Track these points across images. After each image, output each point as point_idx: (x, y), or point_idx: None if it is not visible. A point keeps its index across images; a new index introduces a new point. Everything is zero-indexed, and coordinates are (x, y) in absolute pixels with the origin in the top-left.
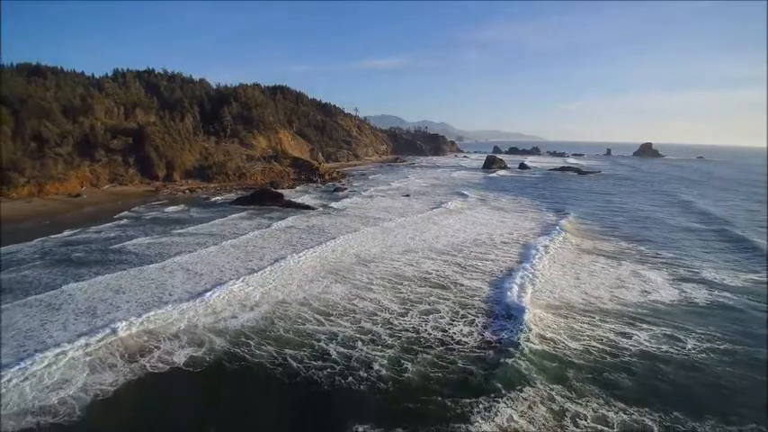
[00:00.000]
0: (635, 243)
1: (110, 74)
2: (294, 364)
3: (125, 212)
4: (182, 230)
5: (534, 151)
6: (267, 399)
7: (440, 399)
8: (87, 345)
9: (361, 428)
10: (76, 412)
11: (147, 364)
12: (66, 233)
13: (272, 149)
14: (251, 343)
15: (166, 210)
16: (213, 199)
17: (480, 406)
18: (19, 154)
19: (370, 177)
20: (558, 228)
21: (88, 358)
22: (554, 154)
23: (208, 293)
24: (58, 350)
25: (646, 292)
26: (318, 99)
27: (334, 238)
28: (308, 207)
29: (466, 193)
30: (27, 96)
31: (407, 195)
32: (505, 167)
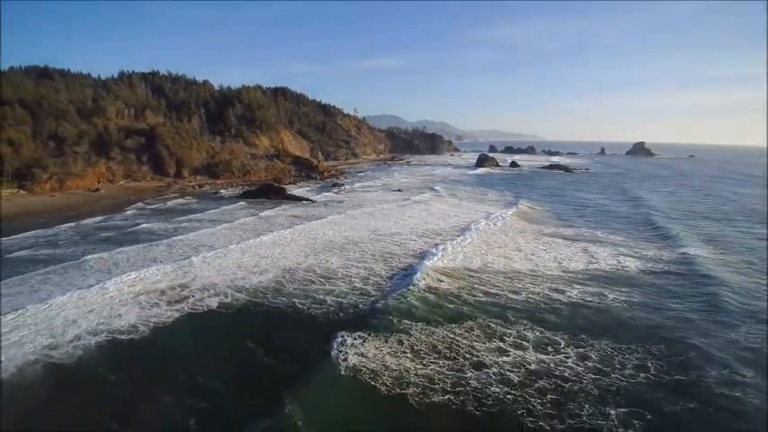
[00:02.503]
0: (592, 229)
1: (115, 75)
2: (301, 307)
3: (140, 204)
4: (198, 216)
5: (529, 150)
6: (283, 326)
7: (391, 318)
8: (135, 289)
9: (341, 333)
10: (146, 332)
11: (187, 306)
12: (92, 220)
13: (273, 149)
14: (267, 296)
15: (179, 201)
16: (221, 193)
17: (419, 325)
18: (39, 152)
19: (365, 175)
20: (514, 215)
21: (137, 299)
22: (549, 153)
23: (221, 260)
24: (111, 293)
25: (589, 263)
26: (318, 100)
27: (331, 223)
28: (308, 199)
29: (438, 188)
30: (41, 98)
31: (399, 190)
32: (496, 165)
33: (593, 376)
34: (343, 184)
